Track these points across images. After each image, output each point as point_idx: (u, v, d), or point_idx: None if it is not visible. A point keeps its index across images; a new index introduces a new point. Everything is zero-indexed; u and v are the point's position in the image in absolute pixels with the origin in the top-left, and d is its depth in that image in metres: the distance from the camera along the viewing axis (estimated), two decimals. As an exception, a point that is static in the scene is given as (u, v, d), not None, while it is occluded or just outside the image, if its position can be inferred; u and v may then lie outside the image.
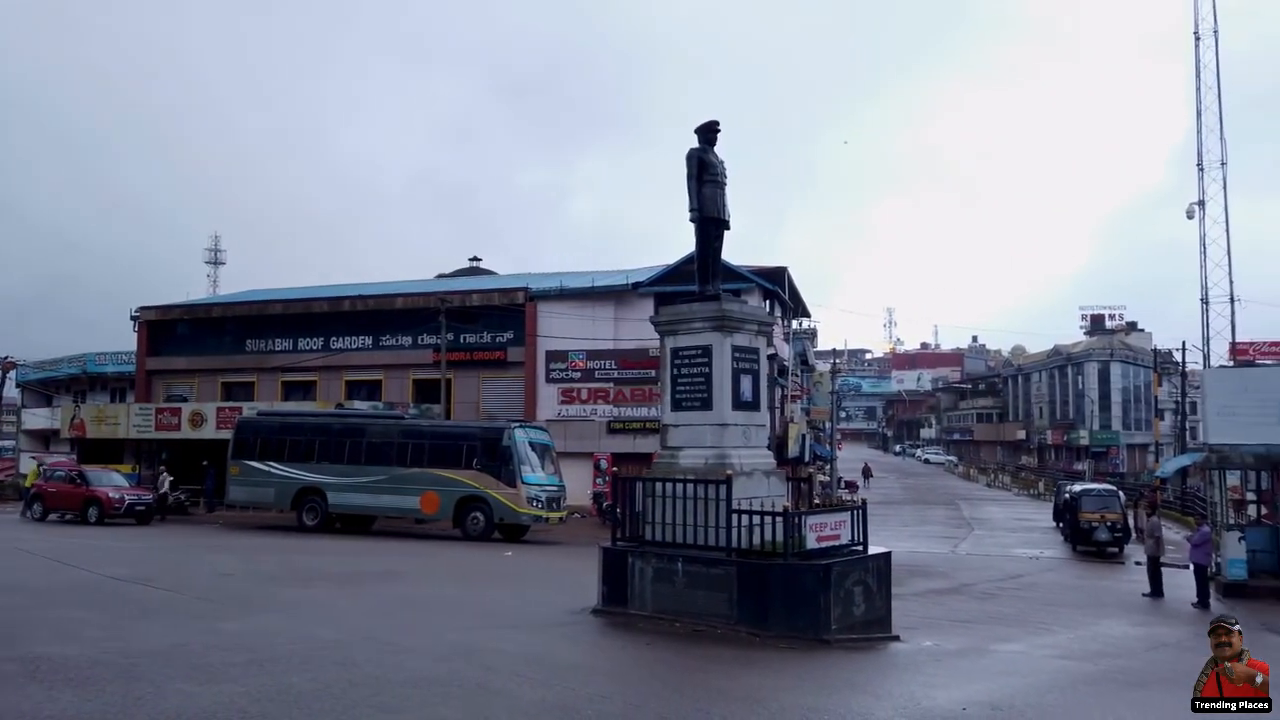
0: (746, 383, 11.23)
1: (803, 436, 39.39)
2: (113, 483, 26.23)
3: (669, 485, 10.69)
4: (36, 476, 29.38)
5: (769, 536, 10.17)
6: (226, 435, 27.28)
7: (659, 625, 10.18)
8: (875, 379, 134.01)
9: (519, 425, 24.68)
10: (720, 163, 11.75)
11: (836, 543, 10.56)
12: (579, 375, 31.97)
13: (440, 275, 45.63)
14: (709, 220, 11.69)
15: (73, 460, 33.15)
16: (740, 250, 71.43)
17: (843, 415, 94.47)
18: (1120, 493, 30.11)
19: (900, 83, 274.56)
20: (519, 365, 32.65)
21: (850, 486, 46.36)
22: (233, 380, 36.18)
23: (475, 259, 47.94)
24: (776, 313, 34.99)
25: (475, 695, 6.99)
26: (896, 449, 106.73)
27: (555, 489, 24.00)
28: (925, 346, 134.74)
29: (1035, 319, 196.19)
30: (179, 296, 47.06)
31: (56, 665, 7.33)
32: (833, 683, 8.30)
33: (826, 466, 50.37)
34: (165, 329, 37.81)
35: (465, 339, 32.99)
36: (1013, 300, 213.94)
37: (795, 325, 43.72)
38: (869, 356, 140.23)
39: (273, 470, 25.10)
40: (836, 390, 61.84)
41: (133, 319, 37.68)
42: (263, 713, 6.15)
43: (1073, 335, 80.00)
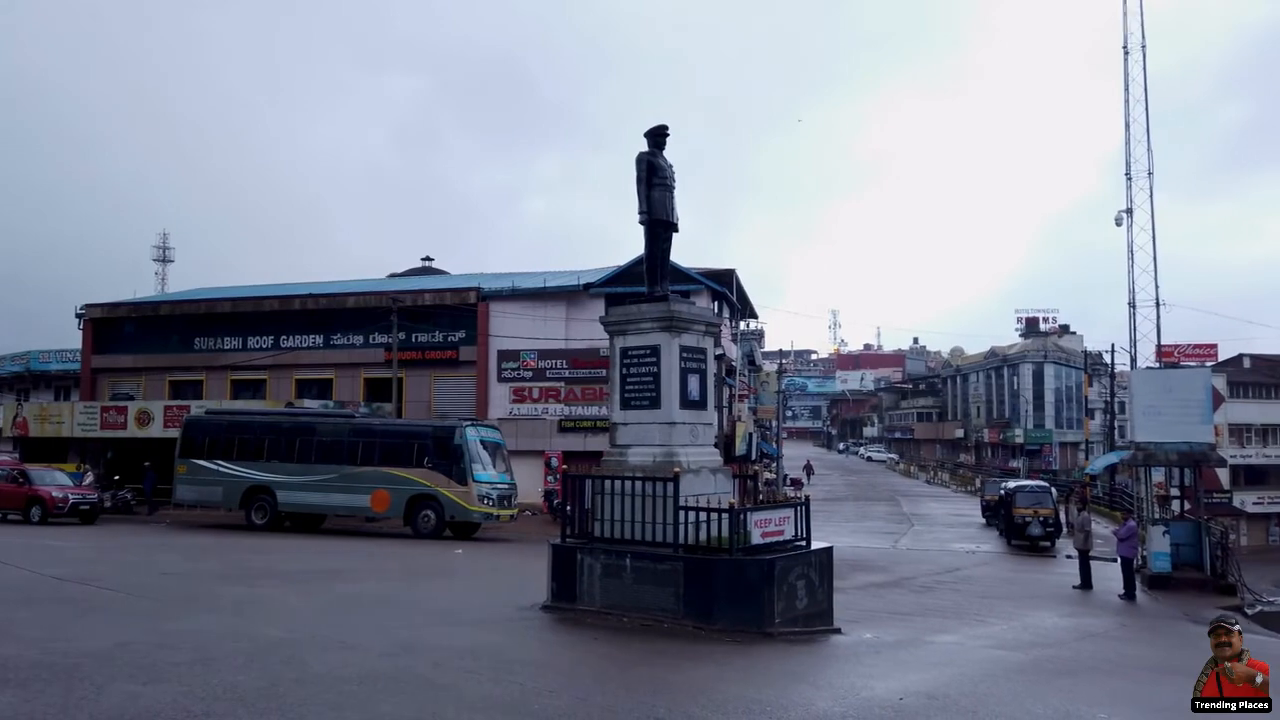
0: (694, 382, 11.37)
1: (750, 435, 39.89)
2: (56, 482, 25.72)
3: (617, 482, 10.79)
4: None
5: (715, 532, 10.30)
6: (174, 434, 26.85)
7: (607, 620, 10.27)
8: (820, 379, 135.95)
9: (470, 424, 24.67)
10: (669, 166, 11.85)
11: (781, 538, 10.75)
12: (530, 374, 32.04)
13: (392, 275, 45.36)
14: (658, 223, 11.78)
15: (15, 459, 32.30)
16: (689, 253, 72.03)
17: (789, 414, 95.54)
18: (1053, 489, 31.12)
19: (847, 91, 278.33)
20: (471, 364, 32.62)
21: (795, 484, 47.11)
22: (180, 379, 35.68)
23: (427, 259, 47.64)
24: (724, 314, 35.40)
25: (423, 691, 6.99)
26: (840, 447, 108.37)
27: (506, 487, 24.03)
28: (868, 348, 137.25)
29: (974, 321, 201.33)
30: (126, 294, 46.12)
31: (-4, 666, 7.20)
32: (775, 674, 8.42)
33: (773, 464, 51.06)
34: (111, 327, 37.11)
35: (417, 338, 32.91)
36: (953, 303, 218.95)
37: (743, 326, 44.29)
38: (814, 357, 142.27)
39: (221, 469, 24.76)
40: (783, 390, 62.55)
41: (78, 316, 36.97)
42: (207, 711, 6.09)
43: (1009, 337, 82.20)
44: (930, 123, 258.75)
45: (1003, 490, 30.73)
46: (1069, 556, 21.30)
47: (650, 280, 12.02)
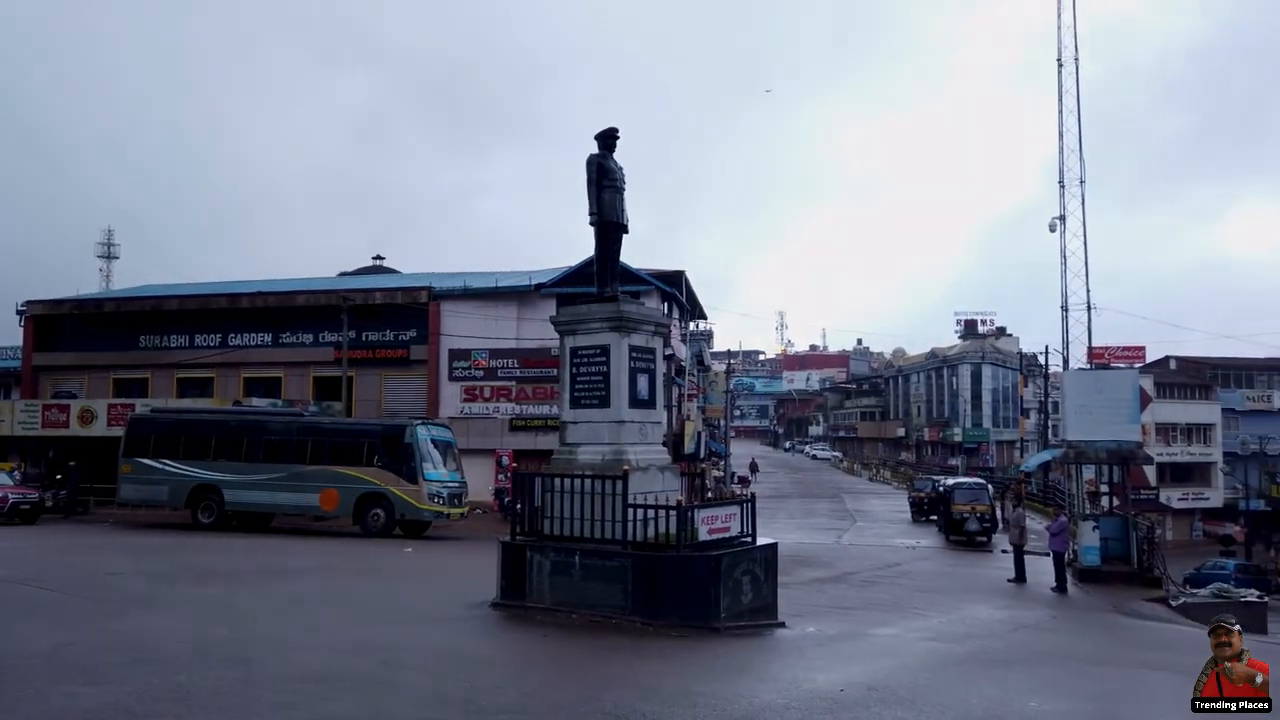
0: (643, 381, 11.51)
1: (698, 434, 40.23)
2: (-5, 481, 24.84)
3: (567, 480, 10.87)
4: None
5: (663, 529, 10.41)
6: (119, 433, 26.26)
7: (556, 617, 10.34)
8: (768, 379, 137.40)
9: (421, 422, 24.56)
10: (619, 168, 11.96)
11: (727, 534, 10.90)
12: (482, 374, 32.01)
13: (343, 273, 44.82)
14: (608, 224, 11.89)
15: None
16: (639, 254, 72.00)
17: (737, 413, 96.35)
18: (989, 486, 32.08)
19: (794, 98, 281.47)
20: (422, 364, 32.47)
21: (743, 481, 47.77)
22: (125, 377, 34.90)
23: (379, 258, 47.14)
24: (674, 315, 35.71)
25: (372, 689, 7.00)
26: (786, 445, 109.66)
27: (457, 485, 23.96)
28: (814, 349, 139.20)
29: (915, 323, 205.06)
30: (69, 291, 44.87)
31: (-67, 669, 7.07)
32: (720, 668, 8.57)
33: (721, 462, 51.60)
34: (54, 324, 36.15)
35: (368, 337, 32.66)
36: (896, 305, 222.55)
37: (692, 327, 44.69)
38: (762, 358, 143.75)
39: (167, 468, 24.31)
40: (731, 390, 63.15)
41: (19, 313, 35.98)
42: (149, 711, 6.02)
43: (948, 339, 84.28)
44: (877, 129, 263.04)
45: (941, 487, 31.66)
46: (1004, 551, 21.92)
47: (600, 281, 12.14)
